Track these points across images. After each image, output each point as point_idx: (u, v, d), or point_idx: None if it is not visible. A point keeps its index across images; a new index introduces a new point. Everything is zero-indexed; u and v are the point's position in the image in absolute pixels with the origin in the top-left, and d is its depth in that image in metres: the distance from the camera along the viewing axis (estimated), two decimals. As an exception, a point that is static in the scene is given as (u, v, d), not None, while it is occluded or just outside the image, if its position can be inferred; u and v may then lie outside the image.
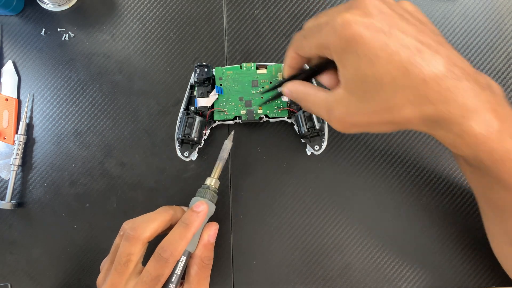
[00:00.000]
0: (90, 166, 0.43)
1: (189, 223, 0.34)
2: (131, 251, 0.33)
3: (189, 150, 0.41)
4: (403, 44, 0.27)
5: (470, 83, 0.27)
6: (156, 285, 0.32)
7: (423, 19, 0.30)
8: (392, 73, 0.28)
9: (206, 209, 0.35)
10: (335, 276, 0.41)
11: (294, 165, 0.42)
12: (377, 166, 0.42)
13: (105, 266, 0.35)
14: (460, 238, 0.41)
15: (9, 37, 0.44)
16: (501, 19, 0.43)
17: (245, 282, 0.42)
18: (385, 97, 0.28)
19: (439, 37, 0.29)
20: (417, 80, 0.27)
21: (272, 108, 0.40)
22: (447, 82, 0.27)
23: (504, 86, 0.42)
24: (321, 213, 0.42)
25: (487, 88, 0.28)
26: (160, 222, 0.34)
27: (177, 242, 0.33)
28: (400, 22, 0.28)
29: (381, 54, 0.28)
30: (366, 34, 0.28)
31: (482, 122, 0.27)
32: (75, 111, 0.44)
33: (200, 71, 0.40)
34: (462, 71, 0.27)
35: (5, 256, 0.43)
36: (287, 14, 0.43)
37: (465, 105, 0.27)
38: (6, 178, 0.44)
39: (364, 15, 0.28)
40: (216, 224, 0.37)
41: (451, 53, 0.28)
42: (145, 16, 0.44)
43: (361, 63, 0.28)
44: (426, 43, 0.28)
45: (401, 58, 0.27)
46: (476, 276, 0.41)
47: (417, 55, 0.27)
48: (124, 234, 0.34)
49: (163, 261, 0.32)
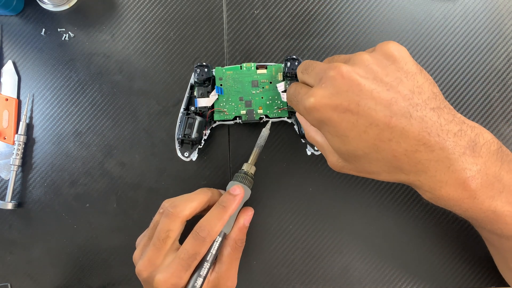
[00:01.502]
0: (90, 166, 0.43)
1: (226, 206, 0.35)
2: (170, 227, 0.34)
3: (189, 150, 0.41)
4: (371, 122, 0.28)
5: (444, 152, 0.27)
6: (193, 262, 0.33)
7: (404, 67, 0.29)
8: (364, 150, 0.29)
9: (243, 193, 0.36)
10: (335, 276, 0.41)
11: (294, 165, 0.42)
12: (377, 166, 0.42)
13: (142, 242, 0.36)
14: (460, 238, 0.41)
15: (9, 37, 0.44)
16: (501, 19, 0.43)
17: (245, 282, 0.42)
18: (362, 164, 0.30)
19: (418, 93, 0.28)
20: (388, 156, 0.28)
21: (272, 108, 0.40)
22: (418, 155, 0.28)
23: (504, 86, 0.42)
24: (321, 213, 0.42)
25: (468, 149, 0.27)
26: (199, 202, 0.35)
27: (214, 223, 0.34)
28: (371, 88, 0.28)
29: (350, 134, 0.29)
30: (333, 116, 0.29)
31: (452, 191, 0.28)
32: (75, 111, 0.44)
33: (200, 71, 0.40)
34: (437, 138, 0.27)
35: (5, 256, 0.43)
36: (287, 14, 0.43)
37: (435, 177, 0.28)
38: (6, 178, 0.44)
39: (330, 95, 0.29)
40: (252, 209, 0.38)
41: (427, 114, 0.27)
42: (145, 16, 0.44)
43: (334, 141, 0.30)
44: (398, 111, 0.27)
45: (370, 136, 0.28)
46: (476, 276, 0.41)
47: (386, 131, 0.27)
48: (164, 211, 0.35)
49: (201, 240, 0.33)
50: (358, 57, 0.30)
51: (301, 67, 0.35)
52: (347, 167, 0.32)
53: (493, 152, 0.28)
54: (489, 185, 0.28)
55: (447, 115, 0.28)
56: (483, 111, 0.42)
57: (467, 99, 0.42)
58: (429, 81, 0.29)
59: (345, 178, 0.42)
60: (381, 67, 0.29)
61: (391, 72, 0.28)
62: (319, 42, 0.43)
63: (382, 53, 0.29)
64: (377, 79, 0.28)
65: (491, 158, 0.28)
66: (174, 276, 0.32)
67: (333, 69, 0.29)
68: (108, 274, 0.43)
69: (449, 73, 0.42)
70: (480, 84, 0.42)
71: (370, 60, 0.29)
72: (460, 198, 0.28)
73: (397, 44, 0.30)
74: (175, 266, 0.32)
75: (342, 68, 0.29)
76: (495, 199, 0.28)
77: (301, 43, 0.43)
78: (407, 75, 0.28)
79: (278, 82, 0.40)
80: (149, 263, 0.33)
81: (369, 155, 0.29)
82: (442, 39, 0.43)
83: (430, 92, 0.28)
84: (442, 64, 0.42)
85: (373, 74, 0.28)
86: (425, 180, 0.28)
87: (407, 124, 0.27)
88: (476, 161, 0.27)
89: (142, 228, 0.38)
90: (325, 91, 0.29)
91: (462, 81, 0.42)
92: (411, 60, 0.29)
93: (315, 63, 0.33)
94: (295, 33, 0.43)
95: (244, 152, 0.42)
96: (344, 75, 0.28)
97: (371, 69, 0.29)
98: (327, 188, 0.42)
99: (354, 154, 0.30)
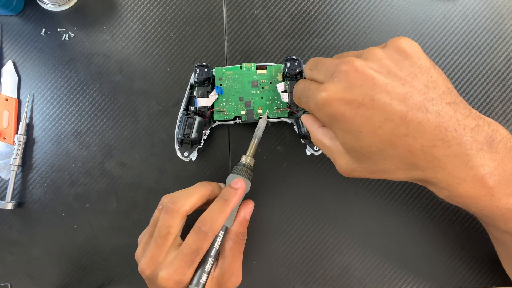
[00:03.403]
0: (90, 166, 0.43)
1: (227, 199, 0.34)
2: (171, 223, 0.33)
3: (189, 150, 0.41)
4: (387, 117, 0.27)
5: (462, 147, 0.26)
6: (196, 258, 0.32)
7: (418, 61, 0.29)
8: (378, 146, 0.28)
9: (244, 186, 0.36)
10: (335, 276, 0.41)
11: (294, 165, 0.42)
12: (377, 166, 0.42)
13: (143, 240, 0.36)
14: (460, 238, 0.41)
15: (9, 37, 0.44)
16: (501, 19, 0.43)
17: (245, 282, 0.42)
18: (376, 163, 0.29)
19: (433, 88, 0.27)
20: (404, 152, 0.27)
21: (272, 108, 0.40)
22: (435, 151, 0.27)
23: (504, 86, 0.42)
24: (321, 213, 0.42)
25: (485, 145, 0.27)
26: (199, 196, 0.35)
27: (216, 216, 0.33)
28: (386, 82, 0.27)
29: (365, 130, 0.28)
30: (347, 111, 0.28)
31: (470, 188, 0.27)
32: (75, 111, 0.44)
33: (200, 71, 0.40)
34: (454, 133, 0.26)
35: (5, 256, 0.43)
36: (287, 14, 0.43)
37: (453, 174, 0.27)
38: (6, 178, 0.44)
39: (344, 90, 0.28)
40: (252, 202, 0.37)
41: (444, 109, 0.27)
42: (145, 16, 0.44)
43: (347, 137, 0.29)
44: (413, 105, 0.27)
45: (385, 132, 0.27)
46: (476, 276, 0.41)
47: (402, 126, 0.27)
48: (164, 207, 0.34)
49: (203, 234, 0.33)
50: (371, 52, 0.29)
51: (309, 64, 0.34)
52: (358, 169, 0.31)
53: (509, 148, 0.28)
54: (507, 182, 0.27)
55: (464, 110, 0.27)
56: (483, 111, 0.42)
57: (467, 99, 0.42)
58: (442, 76, 0.29)
59: (345, 178, 0.42)
60: (394, 62, 0.28)
61: (404, 67, 0.28)
62: (319, 42, 0.43)
63: (394, 49, 0.29)
64: (391, 74, 0.28)
65: (508, 155, 0.27)
66: (177, 273, 0.32)
67: (346, 64, 0.28)
68: (108, 274, 0.43)
69: (449, 73, 0.42)
70: (480, 84, 0.42)
71: (383, 55, 0.28)
72: (477, 195, 0.27)
73: (409, 40, 0.29)
74: (178, 263, 0.32)
75: (356, 63, 0.28)
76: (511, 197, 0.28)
77: (301, 43, 0.43)
78: (421, 70, 0.28)
79: (278, 82, 0.40)
80: (152, 260, 0.33)
81: (384, 152, 0.28)
82: (442, 39, 0.43)
83: (445, 87, 0.28)
84: (442, 64, 0.42)
85: (386, 69, 0.28)
86: (442, 177, 0.27)
87: (423, 118, 0.26)
88: (494, 157, 0.27)
89: (142, 228, 0.38)
90: (338, 86, 0.28)
91: (462, 81, 0.42)
92: (424, 55, 0.29)
93: (324, 59, 0.32)
94: (295, 33, 0.43)
95: (244, 152, 0.42)
96: (358, 69, 0.28)
97: (384, 63, 0.28)
98: (327, 188, 0.42)
99: (368, 151, 0.28)
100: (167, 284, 0.32)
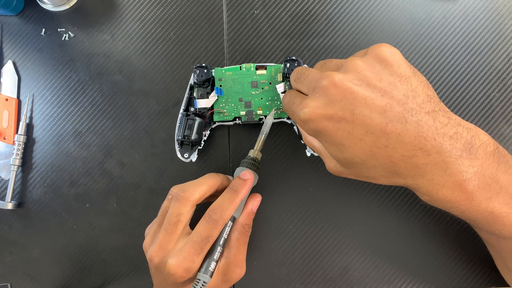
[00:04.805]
0: (90, 166, 0.43)
1: (237, 190, 0.35)
2: (181, 211, 0.34)
3: (189, 151, 0.41)
4: (367, 130, 0.28)
5: (441, 155, 0.27)
6: (206, 245, 0.33)
7: (398, 70, 0.29)
8: (361, 157, 0.29)
9: (252, 178, 0.36)
10: (335, 276, 0.41)
11: (294, 165, 0.42)
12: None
13: (151, 230, 0.36)
14: (460, 238, 0.41)
15: (9, 37, 0.44)
16: (501, 19, 0.43)
17: (245, 282, 0.42)
18: (360, 170, 0.30)
19: (412, 98, 0.28)
20: (385, 162, 0.28)
21: (271, 109, 0.40)
22: (415, 160, 0.28)
23: (504, 86, 0.42)
24: (321, 214, 0.42)
25: (464, 151, 0.27)
26: (208, 186, 0.36)
27: (227, 206, 0.34)
28: (365, 95, 0.28)
29: (347, 143, 0.29)
30: (328, 126, 0.29)
31: (449, 194, 0.28)
32: (75, 111, 0.44)
33: (199, 72, 0.40)
34: (433, 142, 0.27)
35: (5, 256, 0.43)
36: (287, 14, 0.43)
37: (432, 180, 0.28)
38: (6, 178, 0.44)
39: (325, 105, 0.29)
40: (260, 196, 0.38)
41: (423, 118, 0.27)
42: (145, 16, 0.44)
43: (331, 149, 0.30)
44: (393, 116, 0.27)
45: (366, 144, 0.28)
46: (475, 276, 0.41)
47: (382, 138, 0.27)
48: (174, 196, 0.35)
49: (213, 223, 0.33)
50: (350, 63, 0.29)
51: (293, 75, 0.34)
52: (345, 172, 0.32)
53: (489, 153, 0.28)
54: (486, 187, 0.28)
55: (443, 118, 0.28)
56: (483, 111, 0.42)
57: (467, 99, 0.42)
58: (423, 83, 0.29)
59: (345, 179, 0.42)
60: (374, 73, 0.28)
61: (384, 77, 0.28)
62: (319, 42, 0.43)
63: (374, 57, 0.29)
64: (371, 86, 0.28)
65: (487, 160, 0.28)
66: (187, 260, 0.32)
67: (326, 78, 0.29)
68: (108, 274, 0.43)
69: (449, 73, 0.42)
70: (480, 84, 0.42)
71: (362, 66, 0.29)
72: (457, 200, 0.28)
73: (390, 47, 0.29)
74: (187, 250, 0.33)
75: (335, 77, 0.28)
76: (492, 201, 0.28)
77: (301, 43, 0.43)
78: (401, 79, 0.28)
79: (278, 83, 0.40)
80: (161, 248, 0.33)
81: (366, 162, 0.29)
82: (442, 39, 0.43)
83: (425, 95, 0.28)
84: (442, 64, 0.42)
85: (366, 81, 0.28)
86: (422, 184, 0.29)
87: (403, 129, 0.27)
88: (473, 163, 0.27)
89: (142, 228, 0.38)
90: (319, 102, 0.29)
91: (462, 81, 0.42)
92: (405, 63, 0.29)
93: (307, 70, 0.33)
94: (295, 33, 0.43)
95: (244, 153, 0.42)
96: (337, 84, 0.28)
97: (364, 75, 0.28)
98: (327, 188, 0.42)
99: (352, 161, 0.30)
100: (176, 271, 0.32)
